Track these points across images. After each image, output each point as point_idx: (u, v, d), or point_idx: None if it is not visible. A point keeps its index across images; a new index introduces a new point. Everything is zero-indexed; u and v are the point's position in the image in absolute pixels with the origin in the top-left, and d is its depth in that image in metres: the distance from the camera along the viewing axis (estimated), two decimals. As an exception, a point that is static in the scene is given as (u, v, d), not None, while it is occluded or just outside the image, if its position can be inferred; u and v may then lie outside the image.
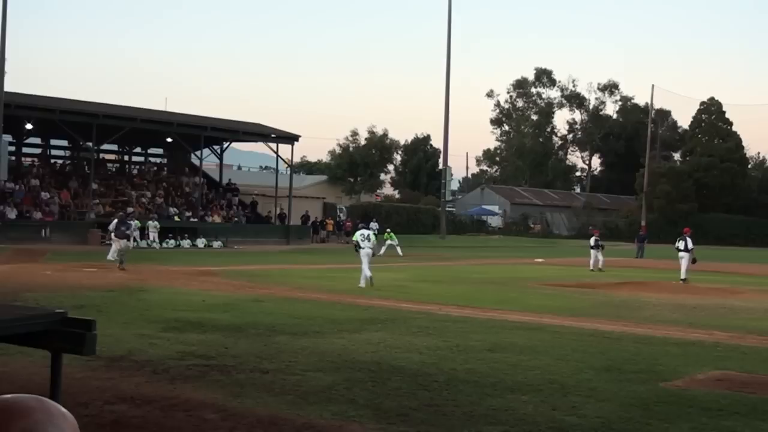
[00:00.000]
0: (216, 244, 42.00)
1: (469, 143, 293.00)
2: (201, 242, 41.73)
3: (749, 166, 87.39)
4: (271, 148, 49.91)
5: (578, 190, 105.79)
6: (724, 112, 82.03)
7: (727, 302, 20.21)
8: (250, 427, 7.29)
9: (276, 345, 11.64)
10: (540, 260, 38.79)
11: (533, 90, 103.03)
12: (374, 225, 53.95)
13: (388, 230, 43.60)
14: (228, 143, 51.86)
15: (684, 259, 27.69)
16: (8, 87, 34.31)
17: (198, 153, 49.66)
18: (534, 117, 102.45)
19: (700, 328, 14.91)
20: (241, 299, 17.68)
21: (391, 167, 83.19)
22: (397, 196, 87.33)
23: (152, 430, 7.18)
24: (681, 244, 28.12)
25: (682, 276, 27.12)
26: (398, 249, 40.31)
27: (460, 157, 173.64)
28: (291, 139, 49.56)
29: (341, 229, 56.35)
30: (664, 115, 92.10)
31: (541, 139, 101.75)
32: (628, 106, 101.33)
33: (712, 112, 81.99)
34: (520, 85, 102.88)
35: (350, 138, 73.52)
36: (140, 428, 7.19)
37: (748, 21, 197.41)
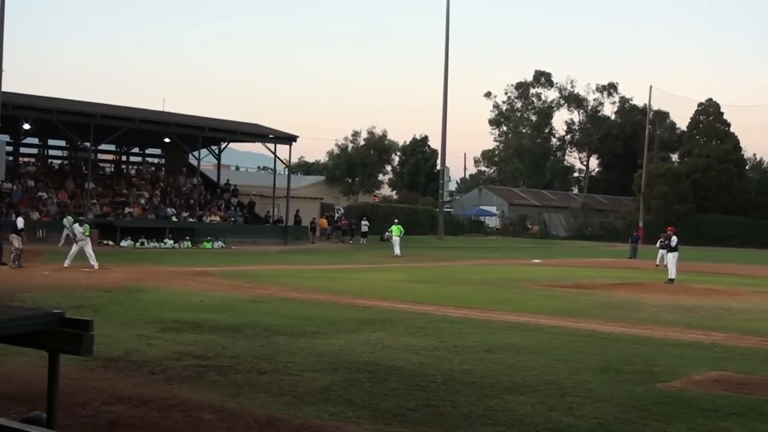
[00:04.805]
0: (217, 244, 41.97)
1: (467, 144, 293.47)
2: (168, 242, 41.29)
3: (747, 167, 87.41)
4: (269, 149, 49.91)
5: (576, 190, 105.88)
6: (722, 113, 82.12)
7: (724, 303, 20.22)
8: (247, 428, 7.29)
9: (273, 345, 11.64)
10: (537, 261, 38.79)
11: (532, 91, 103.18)
12: (365, 223, 54.43)
13: (396, 221, 43.77)
14: (226, 144, 51.79)
15: (671, 258, 27.84)
16: (6, 87, 34.20)
17: (196, 153, 49.61)
18: (533, 118, 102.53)
19: (698, 329, 14.93)
20: (238, 300, 17.68)
21: (389, 168, 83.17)
22: (395, 196, 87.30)
23: (149, 430, 7.18)
24: (673, 242, 28.28)
25: (671, 275, 27.14)
26: (396, 247, 40.23)
27: (459, 158, 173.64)
28: (289, 139, 49.52)
29: (338, 228, 56.29)
30: (662, 116, 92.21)
31: (539, 140, 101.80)
32: (626, 107, 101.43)
33: (710, 114, 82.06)
34: (520, 87, 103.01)
35: (350, 138, 73.54)
36: (137, 428, 7.19)
37: (746, 23, 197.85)
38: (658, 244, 37.76)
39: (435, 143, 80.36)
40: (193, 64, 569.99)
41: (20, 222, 25.72)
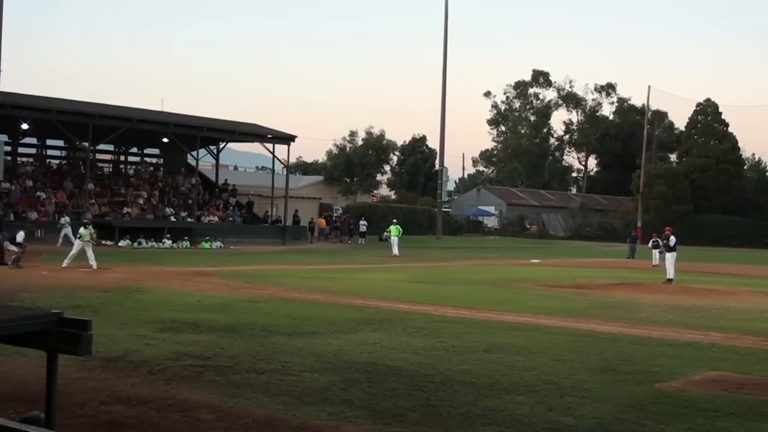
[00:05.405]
0: (215, 244, 41.96)
1: (465, 144, 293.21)
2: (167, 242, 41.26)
3: (745, 167, 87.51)
4: (268, 149, 49.88)
5: (574, 191, 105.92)
6: (720, 113, 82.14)
7: (722, 303, 20.23)
8: (245, 428, 7.29)
9: (272, 345, 11.64)
10: (536, 261, 38.81)
11: (530, 91, 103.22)
12: (363, 223, 54.47)
13: (394, 221, 43.73)
14: (224, 143, 51.77)
15: (669, 259, 27.86)
16: (4, 87, 34.23)
17: (194, 153, 49.59)
18: (531, 118, 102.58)
19: (696, 329, 14.94)
20: (237, 300, 17.68)
21: (387, 168, 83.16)
22: (394, 196, 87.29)
23: (148, 430, 7.18)
24: (671, 242, 28.27)
25: (669, 276, 27.15)
26: (394, 247, 40.18)
27: (457, 158, 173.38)
28: (287, 139, 49.50)
29: (336, 228, 56.30)
30: (660, 116, 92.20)
31: (537, 140, 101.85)
32: (624, 107, 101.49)
33: (708, 113, 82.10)
34: (518, 87, 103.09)
35: (348, 138, 73.49)
36: (136, 428, 7.18)
37: (744, 22, 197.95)
38: (650, 244, 37.83)
39: (434, 143, 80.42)
40: (190, 64, 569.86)
41: (20, 236, 25.77)
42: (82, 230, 26.16)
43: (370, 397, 8.56)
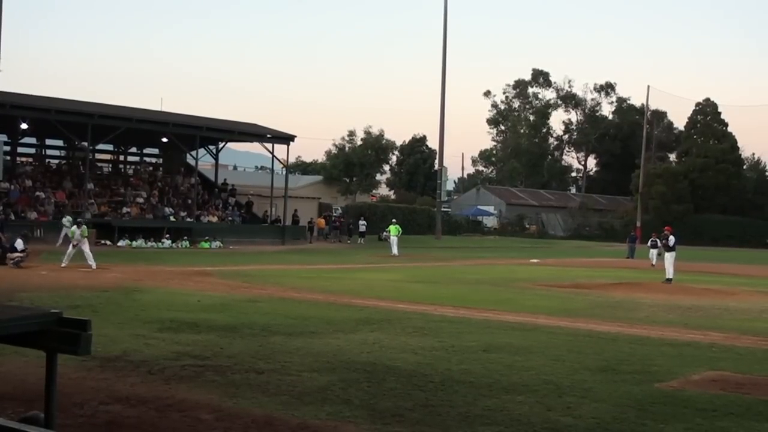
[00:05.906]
0: (215, 244, 41.95)
1: (465, 144, 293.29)
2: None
3: (744, 167, 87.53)
4: (267, 149, 49.89)
5: (574, 190, 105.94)
6: (720, 113, 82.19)
7: (722, 303, 20.25)
8: (245, 428, 7.29)
9: (271, 345, 11.65)
10: (535, 261, 38.82)
11: (530, 90, 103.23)
12: (363, 223, 54.50)
13: (393, 221, 43.63)
14: (224, 143, 51.77)
15: (668, 258, 27.87)
16: (4, 86, 34.30)
17: (194, 153, 49.58)
18: (531, 117, 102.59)
19: (695, 329, 14.95)
20: (236, 299, 17.68)
21: (386, 168, 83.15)
22: (393, 196, 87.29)
23: (147, 430, 7.18)
24: (671, 241, 28.25)
25: (668, 275, 27.16)
26: (394, 247, 40.15)
27: (457, 158, 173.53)
28: (286, 139, 49.50)
29: (336, 228, 56.33)
30: (659, 115, 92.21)
31: (536, 140, 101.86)
32: (623, 107, 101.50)
33: (707, 113, 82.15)
34: (517, 86, 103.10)
35: (347, 138, 73.50)
36: (135, 428, 7.19)
37: (744, 22, 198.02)
38: (649, 244, 37.90)
39: (433, 143, 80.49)
40: (190, 64, 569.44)
41: (19, 244, 25.83)
42: (73, 228, 26.14)
43: (369, 397, 8.56)
